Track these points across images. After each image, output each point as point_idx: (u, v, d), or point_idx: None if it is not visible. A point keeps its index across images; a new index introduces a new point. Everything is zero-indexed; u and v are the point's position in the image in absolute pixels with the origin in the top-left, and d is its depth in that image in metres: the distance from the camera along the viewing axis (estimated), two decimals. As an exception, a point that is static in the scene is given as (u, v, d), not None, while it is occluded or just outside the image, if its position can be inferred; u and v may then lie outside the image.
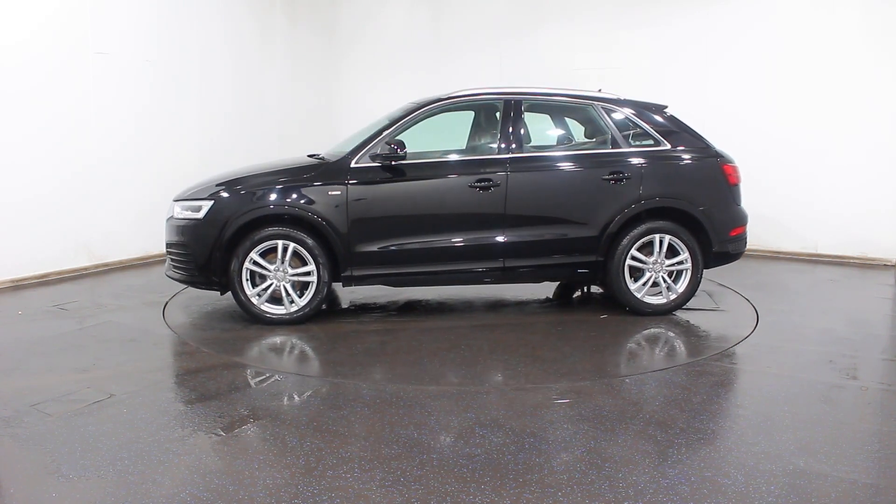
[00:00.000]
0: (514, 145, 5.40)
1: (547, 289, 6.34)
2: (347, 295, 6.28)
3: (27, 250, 6.51)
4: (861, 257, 7.74)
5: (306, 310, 5.22)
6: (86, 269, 7.05)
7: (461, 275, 5.42)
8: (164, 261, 6.69)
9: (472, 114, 5.90)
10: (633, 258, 5.40)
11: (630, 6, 8.66)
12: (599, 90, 5.77)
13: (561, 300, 6.14)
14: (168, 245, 5.43)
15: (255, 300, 5.20)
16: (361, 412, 3.65)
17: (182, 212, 5.30)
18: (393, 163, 5.21)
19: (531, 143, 5.72)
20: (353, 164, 5.22)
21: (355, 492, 2.84)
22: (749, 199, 5.76)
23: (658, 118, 5.57)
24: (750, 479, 2.96)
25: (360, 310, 5.83)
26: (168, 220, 5.45)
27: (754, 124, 8.06)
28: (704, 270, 5.57)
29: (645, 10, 8.58)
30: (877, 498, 2.84)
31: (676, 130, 5.55)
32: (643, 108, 5.60)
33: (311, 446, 3.25)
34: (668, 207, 5.40)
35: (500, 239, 5.31)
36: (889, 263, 7.57)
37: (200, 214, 5.18)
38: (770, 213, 7.63)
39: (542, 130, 5.90)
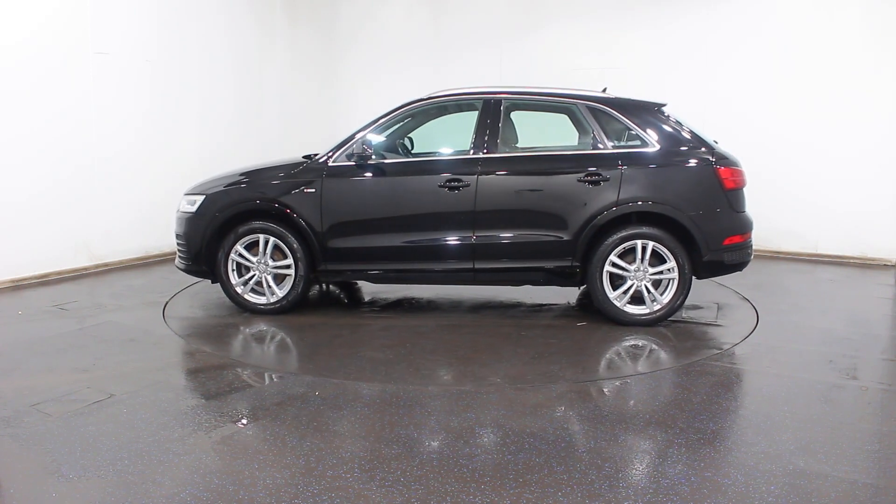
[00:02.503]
0: (488, 145, 5.31)
1: (568, 293, 6.22)
2: (365, 288, 6.50)
3: (27, 250, 6.51)
4: (861, 257, 7.75)
5: (283, 301, 5.47)
6: (86, 269, 7.05)
7: (432, 274, 5.43)
8: (164, 260, 6.92)
9: (471, 114, 5.89)
10: (614, 265, 5.14)
11: (632, 7, 8.66)
12: (604, 89, 5.64)
13: (582, 303, 5.98)
14: (175, 236, 5.76)
15: (239, 289, 5.51)
16: (361, 412, 3.65)
17: (184, 205, 5.64)
18: (369, 162, 5.35)
19: (516, 144, 5.63)
20: (330, 163, 5.41)
21: (355, 492, 2.84)
22: (750, 199, 5.65)
23: (649, 117, 5.28)
24: (750, 479, 2.96)
25: (350, 304, 5.85)
26: (176, 212, 5.76)
27: (755, 123, 8.06)
28: (700, 281, 5.36)
29: (646, 11, 8.59)
30: (877, 498, 2.84)
31: (668, 130, 5.24)
32: (633, 108, 5.33)
33: (311, 446, 3.25)
34: (650, 212, 5.10)
35: (470, 240, 5.26)
36: (889, 263, 7.57)
37: (194, 208, 5.54)
38: (770, 212, 7.62)
39: (524, 130, 5.77)
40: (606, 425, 3.53)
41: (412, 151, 6.06)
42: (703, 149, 5.20)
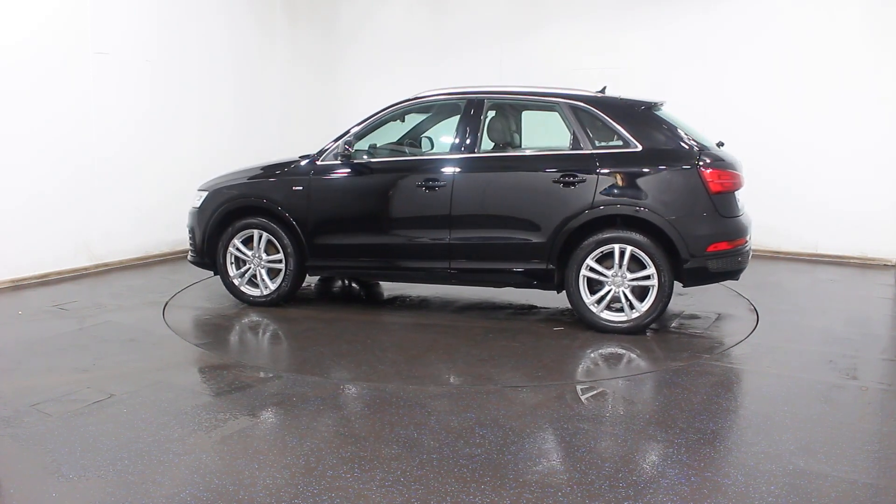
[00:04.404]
0: (467, 145, 5.29)
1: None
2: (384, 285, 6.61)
3: (27, 250, 6.50)
4: (861, 257, 7.74)
5: (274, 294, 5.65)
6: (86, 269, 7.05)
7: (410, 272, 5.50)
8: (164, 260, 7.02)
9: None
10: (592, 269, 4.95)
11: (632, 7, 8.65)
12: (603, 88, 5.52)
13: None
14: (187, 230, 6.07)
15: (236, 281, 5.75)
16: (361, 412, 3.65)
17: (194, 200, 5.94)
18: (353, 161, 5.47)
19: (503, 144, 5.51)
20: (318, 162, 5.56)
21: (355, 492, 2.84)
22: (749, 199, 5.62)
23: (634, 117, 5.06)
24: (750, 479, 2.96)
25: (347, 299, 5.86)
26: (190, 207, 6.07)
27: (755, 123, 8.05)
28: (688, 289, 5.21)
29: (646, 11, 8.58)
30: (877, 498, 2.84)
31: (654, 131, 5.02)
32: (618, 107, 5.12)
33: (311, 446, 3.25)
34: (626, 215, 4.91)
35: (446, 240, 5.26)
36: (889, 263, 7.57)
37: (199, 203, 5.84)
38: (770, 212, 7.61)
39: (505, 130, 5.62)
40: (606, 426, 3.54)
41: (430, 151, 6.05)
42: (689, 150, 4.96)
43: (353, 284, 6.66)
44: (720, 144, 5.32)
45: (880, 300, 6.30)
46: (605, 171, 4.96)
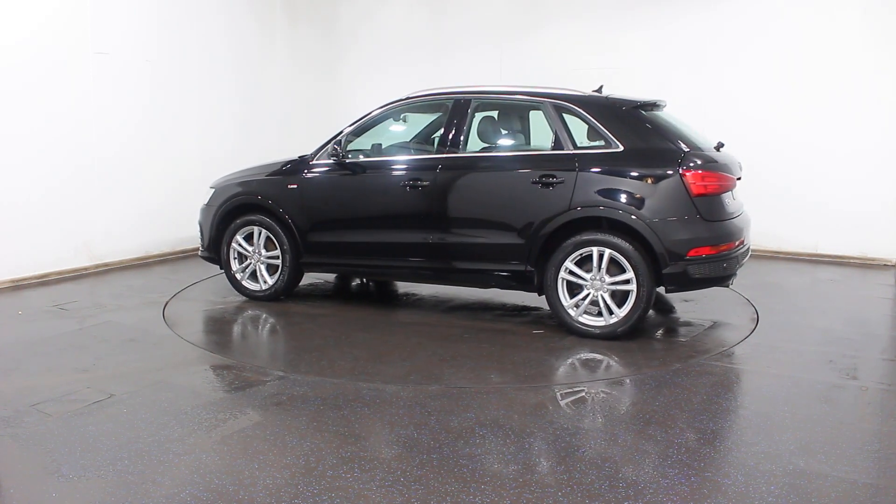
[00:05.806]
0: (451, 145, 5.28)
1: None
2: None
3: (27, 250, 6.50)
4: (861, 257, 7.74)
5: (271, 290, 5.82)
6: (86, 269, 7.05)
7: (396, 271, 5.59)
8: (164, 260, 7.05)
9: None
10: (571, 272, 4.85)
11: (632, 7, 8.65)
12: (600, 87, 5.49)
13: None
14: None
15: (238, 276, 5.94)
16: (361, 412, 3.65)
17: (205, 197, 6.14)
18: (344, 161, 5.56)
19: (492, 143, 5.48)
20: (312, 162, 5.71)
21: (355, 492, 2.84)
22: (749, 199, 5.63)
23: (619, 117, 4.93)
24: (750, 479, 2.96)
25: (346, 295, 5.87)
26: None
27: (756, 123, 8.04)
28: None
29: (646, 11, 8.57)
30: (877, 498, 2.84)
31: (638, 131, 4.89)
32: (603, 107, 5.01)
33: (311, 446, 3.25)
34: (603, 217, 4.79)
35: (428, 239, 5.29)
36: (889, 263, 7.57)
37: (207, 199, 6.08)
38: (770, 212, 7.61)
39: (495, 130, 5.59)
40: (606, 425, 3.54)
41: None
42: (672, 151, 4.79)
43: (370, 282, 6.69)
44: (720, 145, 5.26)
45: (880, 300, 6.30)
46: (585, 171, 4.84)
